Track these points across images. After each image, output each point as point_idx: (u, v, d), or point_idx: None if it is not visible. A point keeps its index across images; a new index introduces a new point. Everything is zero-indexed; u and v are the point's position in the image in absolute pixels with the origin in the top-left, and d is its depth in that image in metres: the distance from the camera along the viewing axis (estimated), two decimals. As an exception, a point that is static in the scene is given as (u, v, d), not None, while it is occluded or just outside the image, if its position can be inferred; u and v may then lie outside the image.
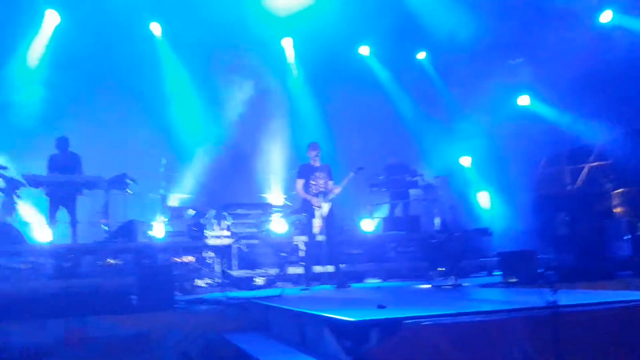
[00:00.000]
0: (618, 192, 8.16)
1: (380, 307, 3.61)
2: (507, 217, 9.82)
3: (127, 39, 10.23)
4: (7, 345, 4.60)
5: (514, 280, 6.02)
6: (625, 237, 7.07)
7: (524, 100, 11.55)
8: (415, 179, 9.89)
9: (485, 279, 7.42)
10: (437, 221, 9.55)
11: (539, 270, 5.97)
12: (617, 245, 7.12)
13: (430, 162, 10.81)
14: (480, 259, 8.48)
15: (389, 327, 2.84)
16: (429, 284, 6.58)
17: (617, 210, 8.05)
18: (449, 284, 6.36)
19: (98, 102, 9.97)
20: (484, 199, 10.88)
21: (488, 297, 4.87)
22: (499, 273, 7.09)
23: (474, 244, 8.48)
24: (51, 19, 10.30)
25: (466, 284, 6.53)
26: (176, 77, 11.19)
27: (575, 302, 3.30)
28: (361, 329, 2.92)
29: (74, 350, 4.55)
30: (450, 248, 7.82)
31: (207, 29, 10.23)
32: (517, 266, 6.07)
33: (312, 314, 3.62)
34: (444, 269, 7.56)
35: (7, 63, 9.92)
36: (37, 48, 10.28)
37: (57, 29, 10.35)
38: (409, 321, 2.86)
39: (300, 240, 8.28)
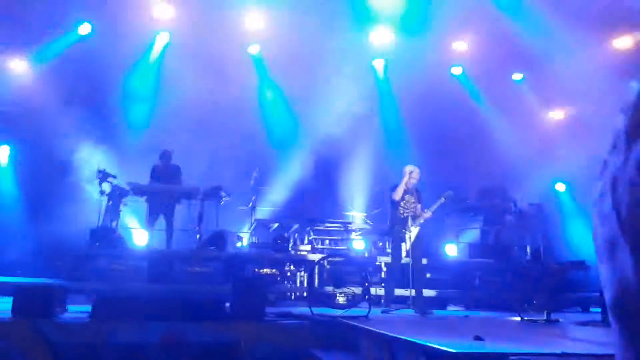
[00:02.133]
0: None
1: (478, 338, 3.51)
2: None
3: (227, 56, 10.74)
4: (107, 343, 4.89)
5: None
6: None
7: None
8: (508, 204, 9.56)
9: (581, 316, 7.00)
10: (529, 250, 9.15)
11: None
12: None
13: (525, 187, 10.39)
14: (576, 294, 8.02)
15: (493, 361, 2.75)
16: (519, 316, 6.31)
17: None
18: (542, 318, 6.05)
19: (196, 119, 10.50)
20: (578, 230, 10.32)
21: (590, 337, 4.59)
22: (597, 310, 6.66)
23: (569, 277, 8.04)
24: (160, 41, 11.00)
25: (560, 320, 6.19)
26: (272, 93, 11.59)
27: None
28: (462, 360, 2.85)
29: (170, 353, 4.76)
30: (543, 280, 7.45)
31: (302, 47, 10.53)
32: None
33: (407, 341, 3.58)
34: (536, 302, 7.21)
35: (118, 85, 10.65)
36: (146, 69, 11.01)
37: (164, 48, 11.05)
38: (515, 357, 2.76)
39: (384, 261, 8.24)
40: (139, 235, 9.06)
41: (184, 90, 10.22)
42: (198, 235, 8.61)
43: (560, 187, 11.12)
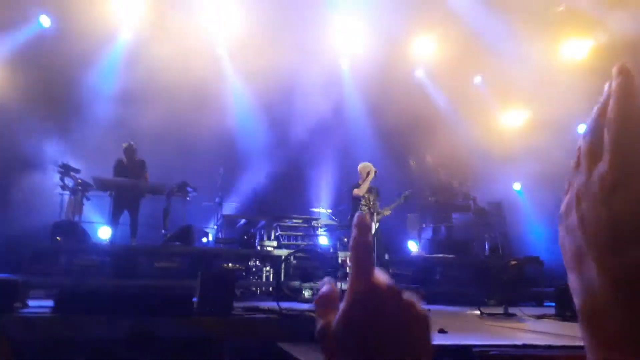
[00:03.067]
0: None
1: (442, 331, 3.61)
2: (558, 246, 9.59)
3: (194, 54, 10.61)
4: (73, 338, 4.79)
5: (570, 314, 5.87)
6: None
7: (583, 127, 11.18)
8: (469, 203, 9.81)
9: (536, 310, 7.25)
10: (487, 247, 9.42)
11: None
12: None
13: (485, 186, 10.65)
14: (531, 289, 8.29)
15: (459, 354, 2.84)
16: (478, 310, 6.49)
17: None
18: (500, 312, 6.25)
19: (163, 111, 10.32)
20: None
21: (545, 329, 4.78)
22: (550, 304, 6.92)
23: (524, 272, 8.31)
24: (123, 37, 10.76)
25: (517, 314, 6.40)
26: (237, 90, 11.50)
27: None
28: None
29: (137, 348, 4.70)
30: (501, 275, 7.69)
31: (268, 43, 10.51)
32: (572, 300, 5.91)
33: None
34: (494, 296, 7.43)
35: (82, 79, 10.39)
36: (110, 65, 10.77)
37: (127, 47, 10.83)
38: (478, 349, 2.86)
39: (347, 257, 8.32)
40: (103, 230, 8.87)
41: (148, 85, 10.03)
42: (164, 231, 8.51)
43: (518, 186, 11.45)
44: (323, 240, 9.36)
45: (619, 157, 0.43)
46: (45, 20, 10.24)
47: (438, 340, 3.12)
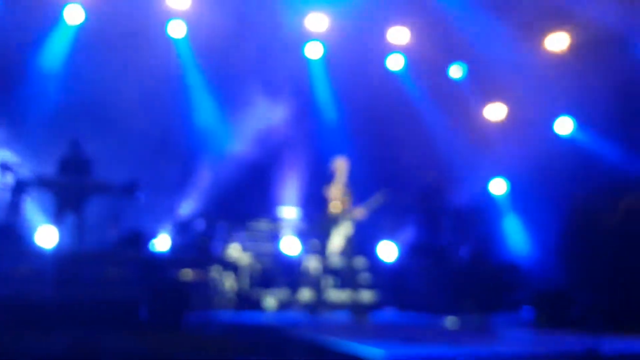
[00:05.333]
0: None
1: (406, 341, 3.63)
2: (537, 251, 9.78)
3: (147, 40, 10.43)
4: (9, 352, 4.66)
5: (546, 321, 5.99)
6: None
7: (565, 125, 11.26)
8: (445, 205, 9.90)
9: (513, 318, 7.38)
10: (464, 252, 9.52)
11: (575, 313, 5.95)
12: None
13: (461, 188, 10.76)
14: (509, 296, 8.42)
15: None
16: (453, 318, 6.57)
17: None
18: (475, 320, 6.34)
19: (111, 107, 10.14)
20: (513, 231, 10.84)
21: (522, 338, 4.86)
22: (527, 311, 7.06)
23: (502, 278, 8.44)
24: (72, 17, 10.49)
25: (493, 322, 6.50)
26: (193, 83, 11.36)
27: (618, 350, 3.30)
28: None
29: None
30: (478, 282, 7.80)
31: (229, 35, 10.44)
32: (552, 306, 6.04)
33: (336, 348, 3.65)
34: (470, 303, 7.52)
35: (26, 64, 10.12)
36: (56, 49, 10.50)
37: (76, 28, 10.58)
38: (444, 362, 2.87)
39: (315, 262, 8.30)
40: (45, 232, 8.66)
41: (96, 74, 9.82)
42: (112, 235, 8.35)
43: (496, 187, 11.60)
44: (290, 243, 9.31)
45: None
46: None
47: (401, 350, 3.13)
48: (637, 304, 6.56)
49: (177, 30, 11.02)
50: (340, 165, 7.21)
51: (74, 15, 10.38)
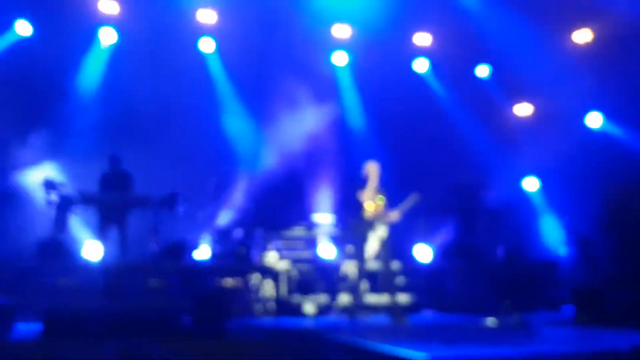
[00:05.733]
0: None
1: (447, 342, 3.63)
2: (574, 248, 9.58)
3: (179, 56, 10.67)
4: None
5: (588, 318, 5.88)
6: None
7: (596, 120, 11.07)
8: (479, 204, 9.79)
9: (553, 316, 7.26)
10: (500, 251, 9.40)
11: (613, 309, 5.82)
12: None
13: (495, 186, 10.62)
14: (548, 293, 8.29)
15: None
16: (493, 318, 6.49)
17: None
18: (515, 319, 6.25)
19: (149, 122, 10.38)
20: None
21: (562, 337, 4.78)
22: (567, 309, 6.93)
23: (540, 276, 8.31)
24: (106, 38, 10.80)
25: (533, 320, 6.41)
26: (225, 95, 11.53)
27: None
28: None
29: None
30: (516, 280, 7.69)
31: (261, 48, 10.59)
32: (593, 304, 5.92)
33: (378, 350, 3.66)
34: (509, 302, 7.42)
35: (65, 84, 10.42)
36: (91, 70, 10.81)
37: (112, 48, 10.88)
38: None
39: (352, 267, 8.31)
40: (90, 247, 8.90)
41: (133, 91, 10.08)
42: (154, 247, 8.52)
43: (530, 185, 11.43)
44: (327, 249, 9.33)
45: None
46: (22, 28, 10.25)
47: (444, 352, 3.12)
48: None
49: (207, 45, 11.25)
50: (372, 169, 7.18)
51: (107, 36, 10.70)
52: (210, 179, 9.54)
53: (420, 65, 12.14)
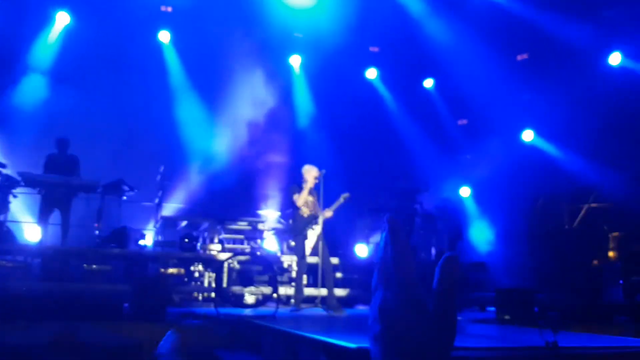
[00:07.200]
0: (614, 236, 8.31)
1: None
2: (502, 252, 9.95)
3: (135, 45, 10.40)
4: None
5: (508, 317, 6.10)
6: (620, 282, 7.20)
7: (528, 135, 11.52)
8: (416, 207, 10.01)
9: (478, 315, 7.49)
10: (434, 252, 9.65)
11: (535, 309, 6.07)
12: (612, 290, 7.24)
13: (432, 191, 10.90)
14: (475, 294, 8.56)
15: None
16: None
17: (612, 254, 8.19)
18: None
19: (100, 107, 10.06)
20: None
21: (484, 333, 4.95)
22: (492, 309, 7.16)
23: (469, 277, 8.57)
24: (61, 20, 10.41)
25: (459, 318, 6.59)
26: (179, 86, 11.33)
27: (575, 345, 3.39)
28: (362, 355, 2.98)
29: (62, 355, 4.55)
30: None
31: (215, 41, 10.45)
32: (513, 304, 6.15)
33: (309, 338, 3.69)
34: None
35: (14, 64, 9.98)
36: (45, 50, 10.38)
37: (66, 31, 10.48)
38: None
39: (293, 261, 8.33)
40: (31, 230, 8.53)
41: (84, 76, 9.75)
42: (97, 232, 8.26)
43: (465, 191, 11.79)
44: (270, 243, 9.32)
45: None
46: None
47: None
48: (592, 301, 6.75)
49: (164, 35, 11.04)
50: (309, 171, 7.26)
51: (62, 19, 10.35)
52: (159, 168, 9.31)
53: (370, 73, 12.35)
